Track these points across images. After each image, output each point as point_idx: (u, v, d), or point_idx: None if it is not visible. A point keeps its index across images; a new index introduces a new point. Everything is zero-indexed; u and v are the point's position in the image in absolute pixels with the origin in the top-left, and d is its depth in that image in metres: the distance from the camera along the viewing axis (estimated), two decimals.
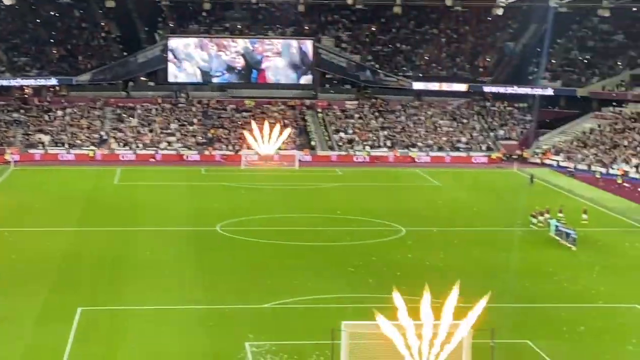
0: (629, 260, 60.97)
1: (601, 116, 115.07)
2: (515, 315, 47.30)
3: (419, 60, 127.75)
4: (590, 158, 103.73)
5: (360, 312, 43.28)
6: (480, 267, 57.62)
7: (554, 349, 42.13)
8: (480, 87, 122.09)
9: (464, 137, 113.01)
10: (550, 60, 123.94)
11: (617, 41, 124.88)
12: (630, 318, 48.07)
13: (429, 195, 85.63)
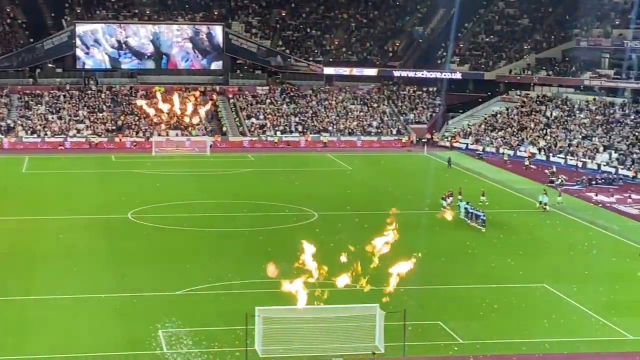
0: (536, 240, 62.22)
1: (508, 99, 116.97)
2: (426, 297, 48.02)
3: (330, 45, 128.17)
4: (498, 141, 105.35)
5: (274, 297, 43.48)
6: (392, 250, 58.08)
7: (464, 329, 42.90)
8: (390, 71, 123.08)
9: (375, 121, 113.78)
10: (458, 44, 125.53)
11: (523, 25, 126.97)
12: (538, 297, 49.12)
13: (340, 180, 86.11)
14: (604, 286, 50.51)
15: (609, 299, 48.42)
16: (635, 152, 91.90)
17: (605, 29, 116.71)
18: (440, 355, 39.77)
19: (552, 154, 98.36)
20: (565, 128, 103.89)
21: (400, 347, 39.33)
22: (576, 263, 55.83)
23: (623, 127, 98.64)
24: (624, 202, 75.66)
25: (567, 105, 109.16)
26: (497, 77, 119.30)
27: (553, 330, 43.25)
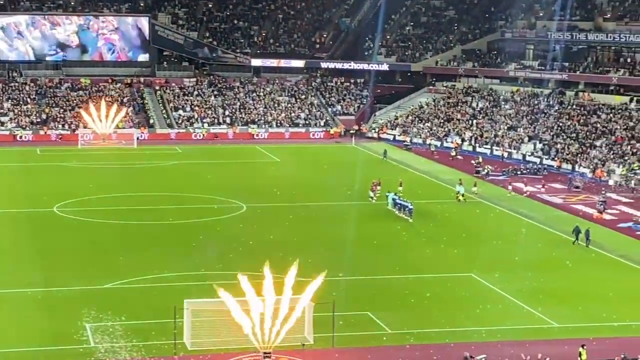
0: (463, 230, 62.79)
1: (435, 90, 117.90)
2: (355, 288, 48.23)
3: (257, 37, 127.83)
4: (425, 132, 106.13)
5: (202, 289, 43.33)
6: (320, 241, 58.37)
7: (393, 319, 43.16)
8: (317, 63, 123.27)
9: (303, 113, 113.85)
10: (385, 36, 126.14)
11: (449, 17, 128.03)
12: (466, 286, 49.61)
13: (269, 171, 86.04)
14: (530, 275, 51.22)
15: (534, 287, 49.09)
16: (560, 142, 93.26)
17: (529, 21, 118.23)
18: (369, 345, 39.94)
19: (478, 145, 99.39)
20: (491, 119, 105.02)
21: (330, 337, 39.44)
22: (502, 252, 56.46)
23: (547, 117, 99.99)
24: (549, 192, 76.76)
25: (492, 96, 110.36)
26: (424, 68, 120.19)
27: (480, 319, 43.72)
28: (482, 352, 37.02)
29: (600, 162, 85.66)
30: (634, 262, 54.96)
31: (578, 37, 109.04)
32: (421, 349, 39.25)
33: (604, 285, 50.15)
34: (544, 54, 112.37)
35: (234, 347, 38.13)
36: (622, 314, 44.94)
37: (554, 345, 39.86)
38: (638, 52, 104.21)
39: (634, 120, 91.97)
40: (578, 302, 46.89)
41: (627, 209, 70.34)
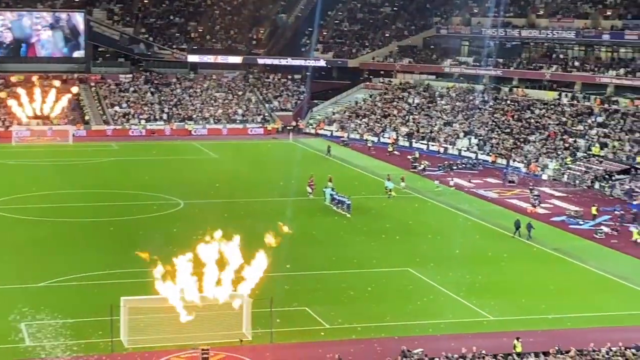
0: (400, 225, 63.26)
1: (372, 86, 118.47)
2: (294, 283, 48.36)
3: (194, 33, 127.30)
4: (362, 127, 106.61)
5: (139, 287, 43.13)
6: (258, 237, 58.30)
7: (331, 314, 43.38)
8: (254, 59, 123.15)
9: (240, 109, 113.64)
10: (322, 32, 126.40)
11: (385, 13, 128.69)
12: (403, 280, 50.01)
13: (206, 168, 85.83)
14: (465, 268, 51.78)
15: (470, 281, 49.65)
16: (494, 137, 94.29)
17: (464, 17, 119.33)
18: (307, 341, 40.12)
19: (415, 140, 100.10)
20: (427, 114, 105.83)
21: (268, 333, 39.55)
22: (439, 246, 57.02)
23: (482, 113, 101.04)
24: (484, 187, 77.64)
25: (428, 92, 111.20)
26: (361, 64, 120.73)
27: (417, 313, 44.14)
28: (419, 346, 37.38)
29: (534, 157, 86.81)
30: (567, 255, 55.86)
31: (512, 33, 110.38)
32: (359, 343, 39.51)
33: (538, 278, 50.92)
34: (478, 50, 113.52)
35: (171, 345, 38.07)
36: (556, 306, 45.65)
37: (490, 337, 40.38)
38: (570, 49, 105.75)
39: (566, 116, 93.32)
40: (513, 295, 47.57)
41: (560, 203, 71.42)
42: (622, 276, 51.40)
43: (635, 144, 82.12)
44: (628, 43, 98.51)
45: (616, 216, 65.43)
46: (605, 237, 60.38)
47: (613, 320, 44.15)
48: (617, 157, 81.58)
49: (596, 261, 54.51)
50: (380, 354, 36.23)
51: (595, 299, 47.65)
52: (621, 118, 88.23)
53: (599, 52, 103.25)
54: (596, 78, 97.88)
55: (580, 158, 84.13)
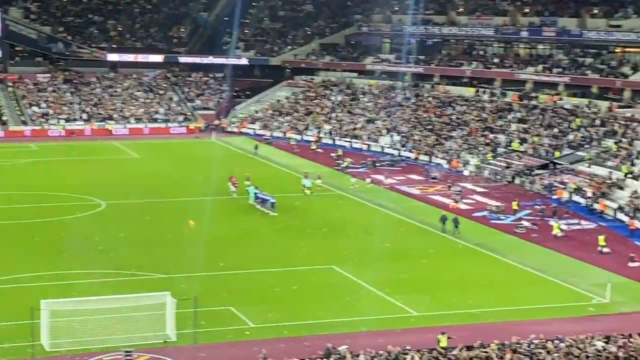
0: (325, 222, 63.32)
1: (294, 84, 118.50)
2: (218, 283, 48.11)
3: (113, 31, 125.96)
4: (285, 125, 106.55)
5: (60, 289, 42.55)
6: (182, 237, 58.01)
7: (256, 313, 43.20)
8: (175, 57, 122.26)
9: (162, 108, 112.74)
10: (243, 30, 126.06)
11: (307, 11, 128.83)
12: (327, 278, 50.05)
13: (128, 168, 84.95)
14: (389, 265, 52.01)
15: (394, 277, 49.87)
16: (417, 134, 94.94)
17: (385, 15, 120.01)
18: (232, 340, 39.91)
19: (338, 138, 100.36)
20: (349, 112, 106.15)
21: (192, 334, 39.25)
22: (363, 244, 57.10)
23: (404, 110, 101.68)
24: (407, 183, 78.11)
25: (351, 89, 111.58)
26: (283, 62, 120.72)
27: (342, 311, 44.15)
28: (344, 343, 37.41)
29: (456, 153, 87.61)
30: (489, 250, 56.44)
31: (432, 30, 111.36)
32: (284, 342, 39.40)
33: (461, 274, 51.38)
34: (399, 48, 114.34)
35: (94, 347, 37.53)
36: (479, 301, 46.09)
37: (414, 333, 40.63)
38: (489, 45, 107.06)
39: (486, 112, 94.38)
40: (437, 291, 47.89)
41: (481, 199, 72.16)
42: (543, 270, 52.12)
43: (554, 139, 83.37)
44: (546, 40, 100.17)
45: (536, 211, 66.35)
46: (526, 232, 61.17)
47: (535, 313, 44.71)
48: (537, 153, 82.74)
49: (517, 255, 55.19)
50: (306, 352, 36.16)
51: (517, 293, 48.22)
52: (540, 114, 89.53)
53: (518, 49, 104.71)
54: (515, 74, 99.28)
55: (501, 154, 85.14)
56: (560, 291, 48.65)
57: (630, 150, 75.01)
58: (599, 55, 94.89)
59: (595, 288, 48.40)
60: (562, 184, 73.69)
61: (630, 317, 44.46)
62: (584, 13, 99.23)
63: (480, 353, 34.17)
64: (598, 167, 74.85)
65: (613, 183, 70.59)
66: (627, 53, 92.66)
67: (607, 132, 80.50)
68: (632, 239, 59.92)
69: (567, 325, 40.95)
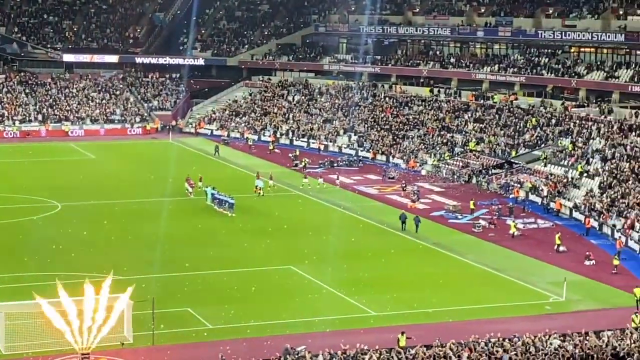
0: (283, 223, 63.30)
1: (251, 84, 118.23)
2: (176, 284, 47.91)
3: (69, 32, 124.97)
4: (242, 126, 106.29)
5: (17, 291, 42.14)
6: (139, 239, 57.73)
7: (214, 314, 43.10)
8: (132, 58, 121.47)
9: (118, 109, 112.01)
10: (200, 30, 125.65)
11: (263, 11, 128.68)
12: (286, 279, 50.02)
13: (84, 169, 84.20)
14: (347, 265, 52.14)
15: (352, 277, 49.97)
16: (374, 134, 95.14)
17: (342, 15, 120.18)
18: (189, 342, 39.76)
19: (296, 138, 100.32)
20: (307, 112, 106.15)
21: (150, 335, 39.05)
22: (321, 244, 57.13)
23: (362, 110, 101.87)
24: (364, 183, 78.27)
25: (308, 89, 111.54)
26: (240, 62, 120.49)
27: (300, 311, 44.17)
28: (303, 343, 37.39)
29: (413, 153, 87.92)
30: (447, 249, 56.74)
31: (389, 30, 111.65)
32: (242, 342, 39.31)
33: (419, 273, 51.62)
34: (356, 48, 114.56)
35: (51, 350, 37.21)
36: (437, 300, 46.30)
37: (372, 332, 40.71)
38: (446, 45, 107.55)
39: (443, 112, 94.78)
40: (395, 291, 48.03)
41: (439, 198, 72.50)
42: (499, 268, 52.48)
43: (510, 139, 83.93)
44: (502, 39, 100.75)
45: (493, 210, 66.77)
46: (482, 231, 61.53)
47: (492, 311, 45.00)
48: (493, 152, 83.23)
49: (475, 254, 55.52)
50: (264, 353, 36.09)
51: (475, 292, 48.50)
52: (496, 113, 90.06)
53: (474, 49, 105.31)
54: (472, 74, 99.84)
55: (458, 153, 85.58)
56: (517, 290, 49.00)
57: (585, 149, 75.71)
58: (554, 55, 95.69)
59: (551, 286, 48.84)
60: (519, 183, 74.23)
61: (586, 315, 44.90)
62: (539, 13, 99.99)
63: (439, 352, 34.28)
64: (554, 166, 75.49)
65: (569, 182, 71.23)
66: (581, 53, 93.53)
67: (562, 132, 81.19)
68: (588, 238, 60.53)
69: (525, 324, 41.17)
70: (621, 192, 64.66)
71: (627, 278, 51.18)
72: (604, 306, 46.53)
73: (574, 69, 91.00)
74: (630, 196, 63.14)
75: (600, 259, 54.81)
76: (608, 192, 65.78)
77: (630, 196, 63.17)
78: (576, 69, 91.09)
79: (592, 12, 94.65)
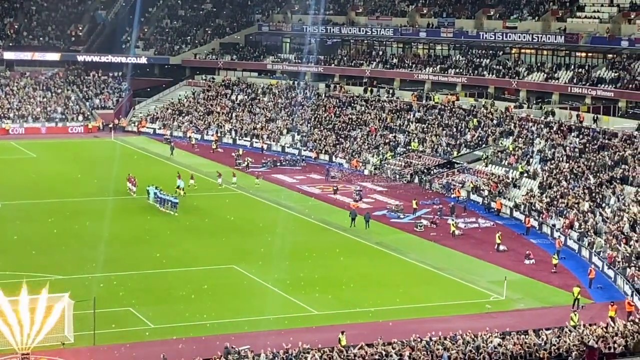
0: (226, 222, 63.26)
1: (194, 83, 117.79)
2: (118, 284, 47.64)
3: (9, 29, 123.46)
4: (185, 125, 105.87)
5: None
6: (80, 238, 57.28)
7: (156, 314, 42.98)
8: (74, 56, 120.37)
9: (60, 107, 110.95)
10: (142, 29, 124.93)
11: (206, 10, 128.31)
12: (228, 278, 50.00)
13: (25, 168, 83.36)
14: (290, 264, 52.25)
15: (294, 276, 50.07)
16: (317, 133, 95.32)
17: (285, 15, 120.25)
18: (131, 341, 39.57)
19: (239, 137, 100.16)
20: (250, 111, 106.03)
21: (91, 335, 38.80)
22: (263, 243, 57.14)
23: (305, 110, 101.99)
24: (307, 183, 78.42)
25: (251, 89, 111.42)
26: (183, 61, 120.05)
27: (243, 310, 44.20)
28: (246, 342, 37.44)
29: (356, 153, 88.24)
30: (389, 248, 57.07)
31: (332, 30, 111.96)
32: (184, 342, 39.23)
33: (361, 272, 51.84)
34: (300, 47, 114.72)
35: None
36: (379, 299, 46.57)
37: (315, 332, 40.84)
38: (389, 46, 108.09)
39: (386, 112, 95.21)
40: (337, 290, 48.26)
41: (381, 197, 72.87)
42: (441, 267, 52.94)
43: (452, 139, 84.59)
44: (444, 40, 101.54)
45: (435, 209, 67.29)
46: (424, 230, 61.98)
47: (433, 310, 45.37)
48: (435, 152, 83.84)
49: (416, 253, 55.93)
50: (206, 353, 36.02)
51: (417, 291, 48.89)
52: (438, 114, 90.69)
53: (417, 49, 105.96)
54: (414, 75, 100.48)
55: (400, 153, 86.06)
56: (458, 289, 49.45)
57: (525, 150, 76.57)
58: (495, 56, 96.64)
59: (492, 285, 49.39)
60: (460, 183, 74.89)
61: (525, 313, 45.46)
62: (481, 15, 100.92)
63: (380, 350, 34.50)
64: (495, 166, 76.27)
65: (509, 182, 72.01)
66: (522, 54, 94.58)
67: (503, 132, 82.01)
68: (528, 237, 61.25)
69: (466, 323, 41.60)
70: (560, 192, 65.55)
71: (566, 277, 51.96)
72: (544, 305, 47.16)
73: (515, 70, 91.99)
74: (569, 196, 64.03)
75: (540, 258, 55.53)
76: (548, 192, 66.64)
77: (569, 196, 64.06)
78: (517, 69, 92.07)
79: (533, 14, 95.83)
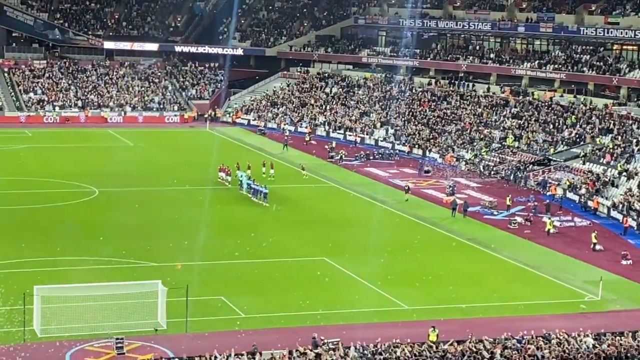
0: (317, 214, 63.37)
1: (289, 76, 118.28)
2: (210, 272, 48.07)
3: (109, 19, 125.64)
4: (279, 117, 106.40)
5: (53, 275, 42.48)
6: (175, 226, 57.94)
7: (247, 303, 43.18)
8: (171, 46, 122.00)
9: (157, 97, 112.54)
10: (239, 20, 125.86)
11: (303, 2, 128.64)
12: (319, 270, 50.01)
13: (122, 156, 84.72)
14: (381, 258, 52.01)
15: (386, 270, 49.82)
16: (411, 127, 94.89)
17: (382, 8, 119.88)
18: (222, 330, 39.86)
19: (332, 130, 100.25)
20: (344, 104, 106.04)
21: (183, 322, 39.22)
22: (355, 236, 57.08)
23: (399, 103, 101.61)
24: (400, 177, 78.08)
25: (346, 82, 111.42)
26: (278, 53, 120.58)
27: (333, 303, 44.14)
28: (336, 335, 37.38)
29: (450, 148, 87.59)
30: (482, 245, 56.49)
31: (429, 24, 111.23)
32: (274, 332, 39.37)
33: (453, 268, 51.38)
34: (395, 41, 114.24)
35: (84, 334, 37.51)
36: (470, 296, 46.15)
37: (404, 326, 40.61)
38: (486, 40, 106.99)
39: (481, 107, 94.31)
40: (428, 285, 47.92)
41: (475, 193, 72.17)
42: (535, 266, 52.19)
43: (549, 136, 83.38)
44: (543, 35, 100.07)
45: (529, 207, 66.40)
46: (518, 228, 61.20)
47: (526, 309, 44.73)
48: (531, 149, 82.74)
49: (509, 251, 55.24)
50: (296, 343, 36.09)
51: (509, 289, 48.25)
52: (535, 110, 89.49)
53: (515, 44, 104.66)
54: (511, 70, 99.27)
55: (495, 149, 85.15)
56: (552, 288, 48.70)
57: (625, 148, 75.06)
58: (595, 53, 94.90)
59: (587, 285, 48.52)
60: (556, 181, 73.76)
61: (621, 315, 44.55)
62: (582, 10, 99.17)
63: (471, 347, 34.16)
64: (593, 164, 74.91)
65: (607, 180, 70.65)
66: (624, 50, 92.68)
67: (602, 130, 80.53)
68: (625, 237, 60.00)
69: (559, 322, 40.91)
70: None
71: None
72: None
73: (616, 67, 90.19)
74: None
75: (638, 258, 54.35)
76: None
77: None
78: (618, 66, 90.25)
79: (636, 9, 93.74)
